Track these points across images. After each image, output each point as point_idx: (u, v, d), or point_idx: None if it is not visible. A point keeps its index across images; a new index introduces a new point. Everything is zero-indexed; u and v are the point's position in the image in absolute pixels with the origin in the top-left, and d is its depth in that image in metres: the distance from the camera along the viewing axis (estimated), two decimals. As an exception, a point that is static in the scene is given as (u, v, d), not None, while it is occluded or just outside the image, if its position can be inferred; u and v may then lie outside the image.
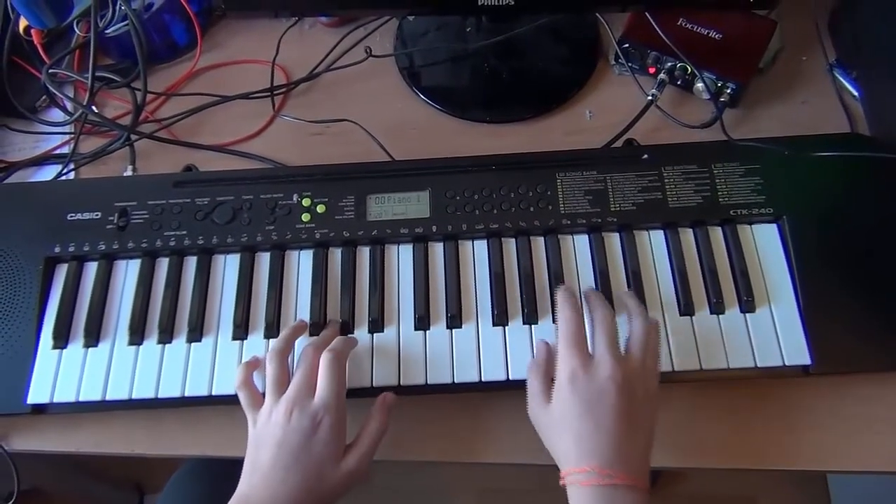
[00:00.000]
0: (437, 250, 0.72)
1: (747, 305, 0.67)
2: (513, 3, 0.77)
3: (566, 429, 0.57)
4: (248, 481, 0.59)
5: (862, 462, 0.66)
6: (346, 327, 0.69)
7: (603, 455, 0.55)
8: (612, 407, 0.56)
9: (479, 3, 0.77)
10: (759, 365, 0.65)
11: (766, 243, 0.70)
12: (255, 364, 0.65)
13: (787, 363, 0.65)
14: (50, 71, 0.86)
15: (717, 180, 0.72)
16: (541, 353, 0.64)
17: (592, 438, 0.55)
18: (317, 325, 0.69)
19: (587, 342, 0.60)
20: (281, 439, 0.58)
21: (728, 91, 0.81)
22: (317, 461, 0.58)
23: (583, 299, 0.66)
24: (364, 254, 0.72)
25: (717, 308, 0.67)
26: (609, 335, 0.60)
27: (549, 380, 0.61)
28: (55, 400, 0.67)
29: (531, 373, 0.63)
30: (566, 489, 0.56)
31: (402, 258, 0.72)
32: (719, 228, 0.71)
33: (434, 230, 0.72)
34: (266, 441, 0.59)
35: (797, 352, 0.65)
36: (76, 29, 0.91)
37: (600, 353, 0.59)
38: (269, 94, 0.90)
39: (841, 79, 0.85)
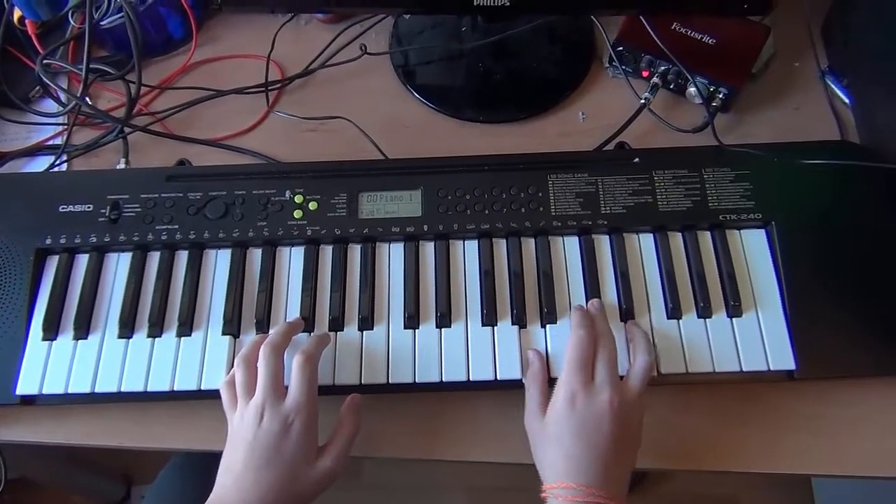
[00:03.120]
0: (428, 249, 0.72)
1: (734, 310, 0.68)
2: (508, 3, 0.77)
3: (558, 445, 0.59)
4: (221, 483, 0.59)
5: (845, 466, 0.66)
6: (308, 323, 0.69)
7: (591, 475, 0.57)
8: (608, 432, 0.58)
9: (475, 3, 0.77)
10: (744, 369, 0.66)
11: (754, 249, 0.71)
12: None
13: (772, 368, 0.66)
14: (44, 62, 0.85)
15: (708, 185, 0.73)
16: (537, 364, 0.65)
17: (583, 458, 0.58)
18: (307, 321, 0.69)
19: (592, 366, 0.62)
20: (252, 441, 0.58)
21: (720, 96, 0.82)
22: (289, 462, 0.58)
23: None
24: (355, 251, 0.73)
25: (704, 312, 0.68)
26: (612, 363, 0.62)
27: (546, 392, 0.63)
28: (44, 391, 0.67)
29: (531, 383, 0.64)
30: (545, 501, 0.58)
31: (393, 257, 0.72)
32: (708, 233, 0.72)
33: (425, 229, 0.72)
34: (238, 443, 0.59)
35: (782, 357, 0.66)
36: (71, 20, 0.90)
37: (601, 378, 0.61)
38: (263, 89, 0.90)
39: (832, 86, 0.86)
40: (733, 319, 0.68)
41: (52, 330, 0.69)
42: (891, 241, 0.70)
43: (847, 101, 0.85)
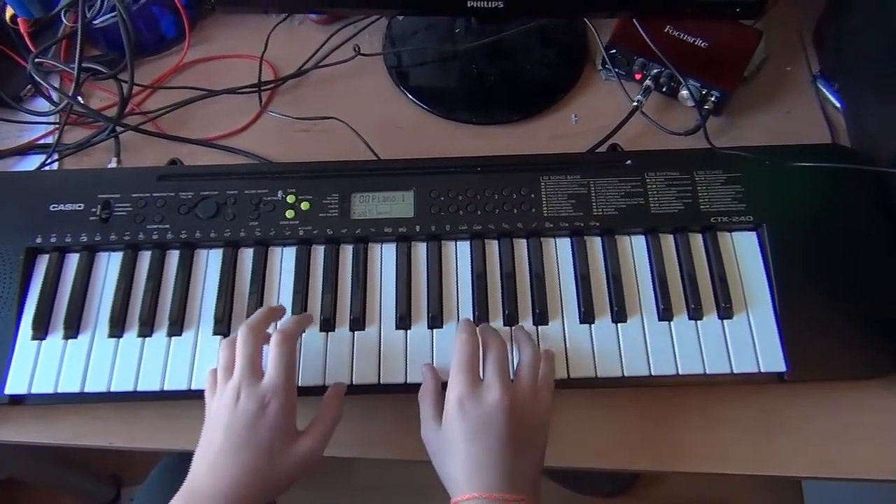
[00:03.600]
0: (421, 250, 0.72)
1: (725, 312, 0.68)
2: (502, 5, 0.77)
3: (456, 454, 0.58)
4: (196, 467, 0.59)
5: (835, 469, 0.67)
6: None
7: (490, 479, 0.56)
8: (500, 431, 0.57)
9: (469, 5, 0.77)
10: (735, 371, 0.66)
11: (745, 251, 0.71)
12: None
13: (762, 370, 0.66)
14: (36, 60, 0.85)
15: (699, 187, 0.73)
16: (430, 380, 0.64)
17: (482, 464, 0.57)
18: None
19: (479, 368, 0.61)
20: (228, 422, 0.58)
21: (712, 99, 0.82)
22: (266, 443, 0.57)
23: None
24: (347, 252, 0.73)
25: (695, 314, 0.68)
26: (498, 362, 0.61)
27: (440, 404, 0.62)
28: (33, 391, 0.67)
29: (423, 399, 0.63)
30: None
31: (385, 257, 0.72)
32: (700, 235, 0.72)
33: (418, 230, 0.72)
34: (214, 425, 0.59)
35: (773, 359, 0.66)
36: (63, 19, 0.90)
37: (489, 378, 0.60)
38: (256, 89, 0.90)
39: (824, 90, 0.86)
40: (724, 321, 0.68)
41: (41, 329, 0.69)
42: (881, 243, 0.70)
43: (838, 105, 0.85)
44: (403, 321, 0.69)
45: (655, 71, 0.84)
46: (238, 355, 0.60)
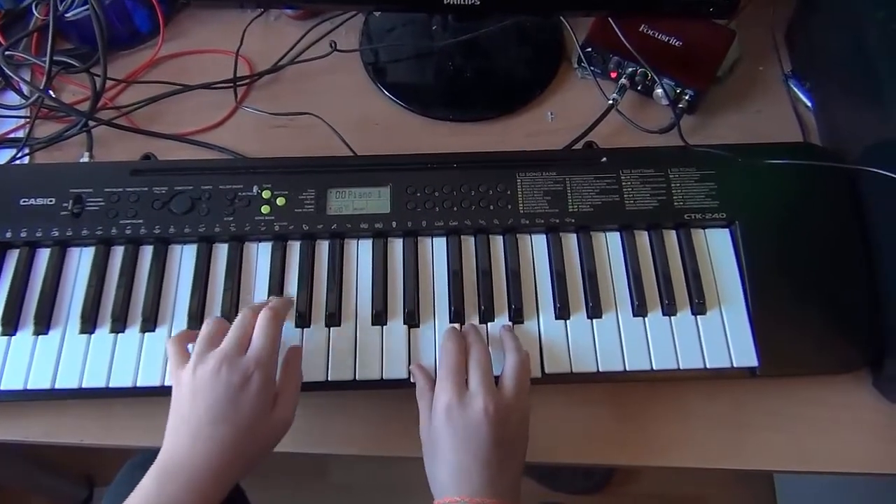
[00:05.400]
0: (397, 246, 0.72)
1: (698, 308, 0.69)
2: (478, 2, 0.77)
3: (442, 458, 0.59)
4: (173, 440, 0.57)
5: (806, 462, 0.68)
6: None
7: (476, 484, 0.57)
8: (484, 439, 0.58)
9: (445, 2, 0.77)
10: (708, 366, 0.67)
11: (718, 247, 0.72)
12: (191, 335, 0.64)
13: (735, 365, 0.67)
14: (6, 53, 0.84)
15: (673, 185, 0.73)
16: (422, 378, 0.65)
17: (466, 468, 0.58)
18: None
19: (465, 374, 0.62)
20: (208, 394, 0.57)
21: (686, 98, 0.83)
22: (247, 415, 0.57)
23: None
24: (323, 248, 0.72)
25: (668, 310, 0.69)
26: (482, 370, 0.62)
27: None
28: (2, 387, 0.66)
29: (419, 399, 0.64)
30: None
31: (361, 253, 0.72)
32: (674, 232, 0.73)
33: (394, 226, 0.72)
34: (191, 395, 0.58)
35: (745, 354, 0.67)
36: (35, 11, 0.89)
37: (474, 386, 0.61)
38: (231, 84, 0.89)
39: (795, 89, 0.88)
40: (697, 317, 0.69)
41: (11, 325, 0.68)
42: (850, 240, 0.71)
43: (809, 104, 0.86)
44: (379, 317, 0.69)
45: (631, 69, 0.85)
46: (234, 328, 0.60)
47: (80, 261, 0.72)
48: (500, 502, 0.57)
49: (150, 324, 0.69)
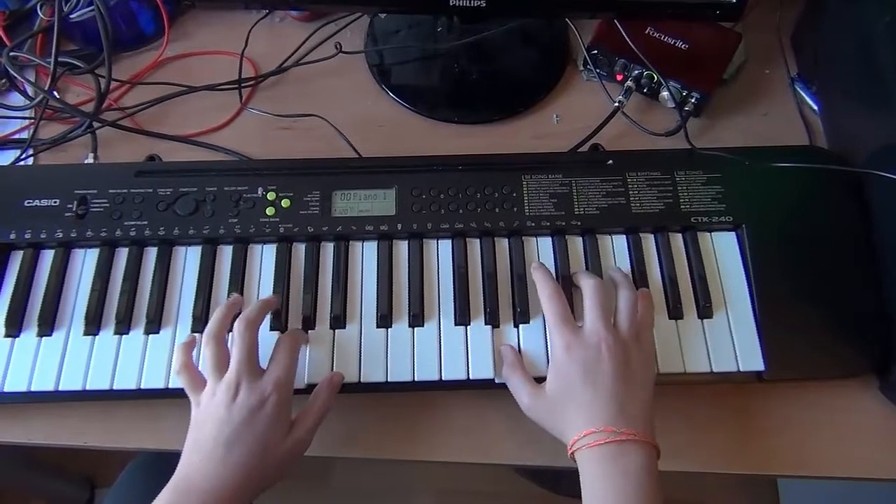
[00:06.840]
0: (402, 248, 0.72)
1: (705, 311, 0.68)
2: (484, 4, 0.77)
3: (568, 400, 0.59)
4: (188, 461, 0.58)
5: (811, 467, 0.67)
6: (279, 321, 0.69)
7: (607, 415, 0.58)
8: (610, 371, 0.59)
9: (451, 4, 0.77)
10: (714, 370, 0.66)
11: (724, 251, 0.72)
12: (191, 343, 0.65)
13: (741, 369, 0.66)
14: (11, 54, 0.84)
15: (680, 188, 0.73)
16: (511, 355, 0.65)
17: (594, 403, 0.58)
18: (278, 317, 0.68)
19: (573, 317, 0.63)
20: (225, 417, 0.57)
21: (692, 100, 0.83)
22: (262, 437, 0.57)
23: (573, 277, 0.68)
24: (328, 250, 0.72)
25: (675, 313, 0.69)
26: (598, 304, 0.62)
27: (527, 374, 0.63)
28: (6, 389, 0.66)
29: (509, 372, 0.64)
30: (576, 462, 0.58)
31: (366, 255, 0.72)
32: (680, 235, 0.73)
33: (399, 228, 0.71)
34: (208, 420, 0.58)
35: (751, 358, 0.67)
36: (39, 12, 0.89)
37: (590, 321, 0.62)
38: (236, 86, 0.89)
39: (801, 92, 0.87)
40: (704, 321, 0.68)
41: (14, 326, 0.68)
42: (857, 244, 0.71)
43: (815, 107, 0.86)
44: (384, 320, 0.68)
45: (636, 72, 0.84)
46: (236, 350, 0.60)
47: (85, 262, 0.72)
48: (632, 432, 0.57)
49: (154, 326, 0.68)
